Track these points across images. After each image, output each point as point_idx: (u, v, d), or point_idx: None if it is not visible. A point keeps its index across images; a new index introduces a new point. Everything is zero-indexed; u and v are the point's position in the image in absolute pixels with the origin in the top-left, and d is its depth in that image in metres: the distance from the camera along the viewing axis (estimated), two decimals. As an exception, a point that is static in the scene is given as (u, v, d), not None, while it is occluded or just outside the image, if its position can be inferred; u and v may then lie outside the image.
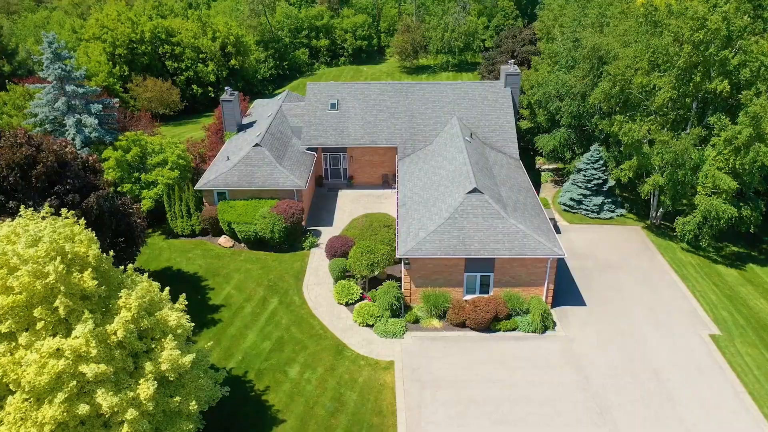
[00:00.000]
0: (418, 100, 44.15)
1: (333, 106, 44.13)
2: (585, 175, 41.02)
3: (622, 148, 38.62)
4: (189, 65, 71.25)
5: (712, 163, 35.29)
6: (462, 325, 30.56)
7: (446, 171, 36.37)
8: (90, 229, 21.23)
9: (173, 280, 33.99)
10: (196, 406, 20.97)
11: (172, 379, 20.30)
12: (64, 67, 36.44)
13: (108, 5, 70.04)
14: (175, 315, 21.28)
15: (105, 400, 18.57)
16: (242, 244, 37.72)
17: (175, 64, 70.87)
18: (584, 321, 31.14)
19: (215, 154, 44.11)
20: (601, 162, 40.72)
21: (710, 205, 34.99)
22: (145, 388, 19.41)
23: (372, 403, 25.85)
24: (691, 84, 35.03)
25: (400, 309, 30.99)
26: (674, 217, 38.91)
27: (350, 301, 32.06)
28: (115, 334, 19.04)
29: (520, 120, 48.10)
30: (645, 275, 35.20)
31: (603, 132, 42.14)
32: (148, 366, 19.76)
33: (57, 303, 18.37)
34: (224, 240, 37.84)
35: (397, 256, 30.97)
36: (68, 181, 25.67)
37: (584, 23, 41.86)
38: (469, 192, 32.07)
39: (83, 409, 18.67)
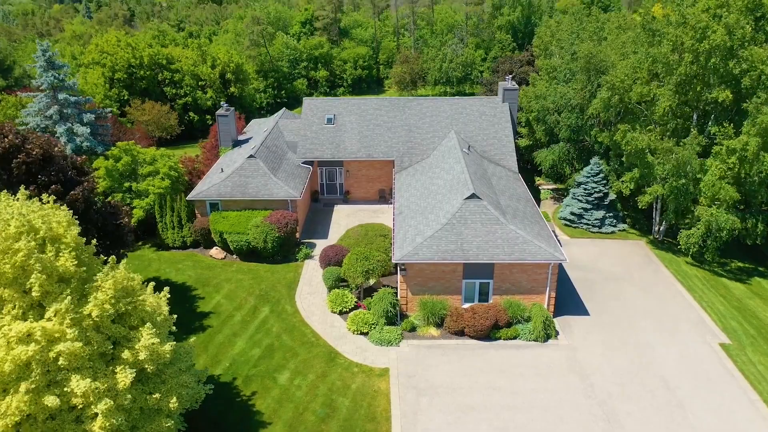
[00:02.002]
0: (415, 115, 43.79)
1: (329, 120, 43.74)
2: (585, 189, 40.27)
3: (623, 158, 37.93)
4: (188, 92, 71.39)
5: (714, 173, 34.57)
6: (460, 333, 29.27)
7: (443, 181, 35.65)
8: (72, 212, 20.20)
9: (161, 289, 32.71)
10: (177, 404, 19.64)
11: (150, 370, 19.04)
12: (57, 75, 36.10)
13: (109, 33, 70.67)
14: (153, 298, 20.23)
15: (79, 386, 17.26)
16: (234, 256, 36.66)
17: (174, 90, 71.02)
18: (588, 330, 29.87)
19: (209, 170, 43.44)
20: (602, 175, 40.04)
21: (711, 216, 34.12)
22: (123, 378, 18.15)
23: (365, 410, 24.40)
24: (691, 93, 34.66)
25: (395, 316, 29.75)
26: (677, 232, 37.99)
27: (344, 310, 30.83)
28: (89, 316, 17.91)
29: (519, 139, 47.68)
30: (649, 286, 34.06)
31: (602, 146, 41.64)
32: (126, 354, 18.55)
33: (31, 281, 17.27)
34: (216, 251, 36.81)
35: (393, 261, 29.95)
36: (52, 173, 24.90)
37: (582, 36, 41.84)
38: (467, 198, 31.27)
39: (52, 401, 17.36)
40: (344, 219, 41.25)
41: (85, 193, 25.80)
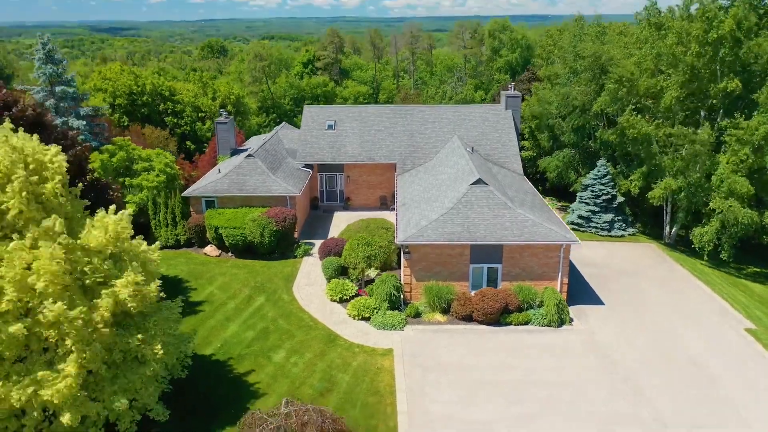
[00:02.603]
0: (417, 121, 43.18)
1: (330, 126, 43.07)
2: (593, 191, 39.14)
3: (629, 148, 36.96)
4: (188, 122, 71.26)
5: (725, 167, 33.59)
6: (468, 319, 27.41)
7: (447, 175, 34.59)
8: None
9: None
10: (162, 351, 17.88)
11: (134, 309, 17.32)
12: (55, 69, 35.56)
13: (113, 63, 71.27)
14: (144, 245, 18.78)
15: (52, 310, 15.50)
16: (230, 254, 35.05)
17: (174, 120, 70.92)
18: (604, 318, 28.03)
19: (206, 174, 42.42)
20: (609, 177, 39.01)
21: (728, 209, 32.85)
22: (103, 310, 16.45)
23: (367, 384, 22.38)
24: (698, 84, 34.11)
25: (399, 302, 27.98)
26: (689, 238, 36.65)
27: (344, 298, 29.04)
28: (83, 247, 16.42)
29: (522, 151, 46.93)
30: (665, 281, 32.41)
31: (608, 151, 40.83)
32: (107, 292, 16.89)
33: (7, 194, 15.85)
34: (210, 249, 35.22)
35: (397, 242, 28.41)
36: (42, 138, 23.77)
37: (585, 40, 41.76)
38: (473, 183, 30.10)
39: (17, 329, 15.51)
40: (344, 223, 39.74)
41: (78, 159, 24.67)
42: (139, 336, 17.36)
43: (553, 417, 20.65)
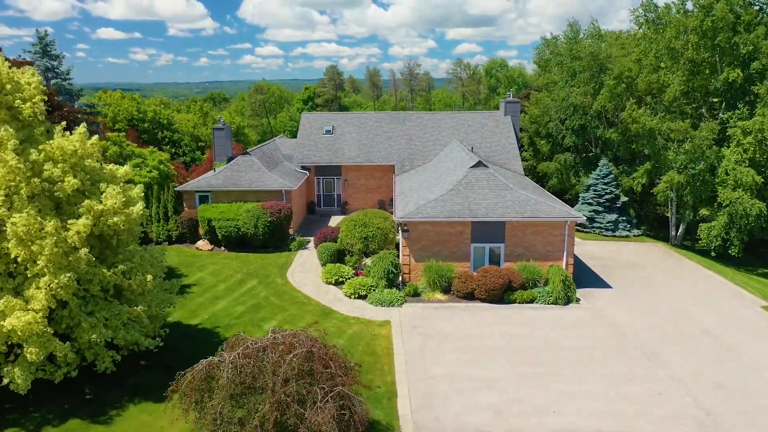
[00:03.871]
0: (416, 127, 42.84)
1: (328, 131, 42.69)
2: (596, 190, 38.30)
3: (633, 145, 36.36)
4: (186, 151, 71.19)
5: (729, 158, 32.90)
6: (470, 297, 26.06)
7: (446, 167, 33.93)
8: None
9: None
10: (152, 281, 16.76)
11: (122, 226, 16.27)
12: (52, 63, 35.42)
13: (115, 92, 71.88)
14: (123, 169, 17.89)
15: (18, 223, 14.44)
16: (222, 248, 33.89)
17: (173, 150, 70.83)
18: (613, 298, 26.67)
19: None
20: (612, 176, 38.25)
21: (736, 199, 31.92)
22: (80, 225, 15.39)
23: (363, 347, 20.95)
24: (699, 77, 33.84)
25: (397, 278, 26.73)
26: (696, 239, 35.62)
27: (340, 280, 27.76)
28: (51, 160, 15.54)
29: (522, 162, 46.41)
30: (675, 271, 31.19)
31: (609, 153, 40.27)
32: (86, 204, 15.87)
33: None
34: (202, 243, 34.06)
35: (395, 219, 27.42)
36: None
37: (581, 42, 41.91)
38: (473, 166, 29.40)
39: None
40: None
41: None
42: (121, 267, 16.23)
43: (562, 376, 19.14)
